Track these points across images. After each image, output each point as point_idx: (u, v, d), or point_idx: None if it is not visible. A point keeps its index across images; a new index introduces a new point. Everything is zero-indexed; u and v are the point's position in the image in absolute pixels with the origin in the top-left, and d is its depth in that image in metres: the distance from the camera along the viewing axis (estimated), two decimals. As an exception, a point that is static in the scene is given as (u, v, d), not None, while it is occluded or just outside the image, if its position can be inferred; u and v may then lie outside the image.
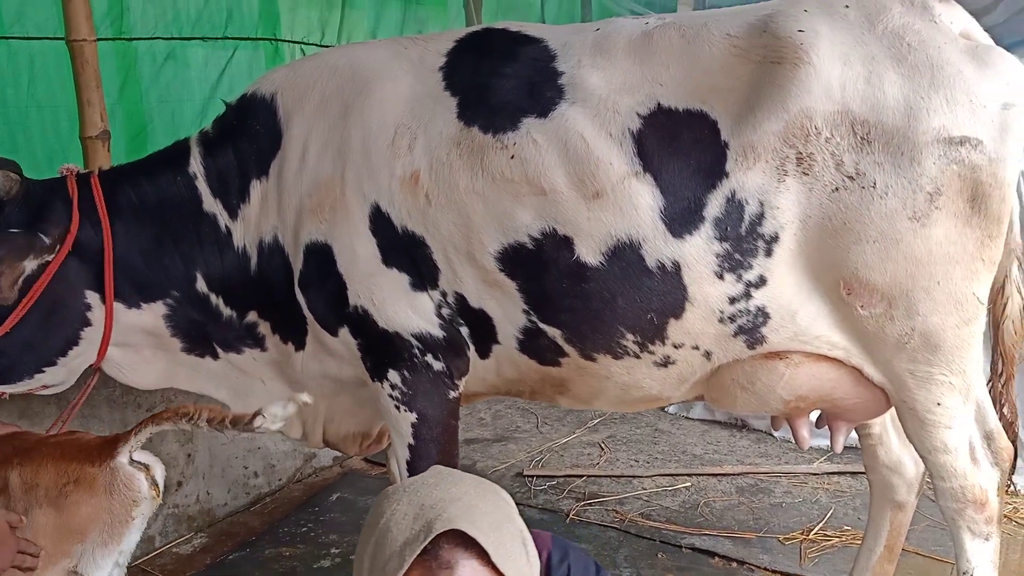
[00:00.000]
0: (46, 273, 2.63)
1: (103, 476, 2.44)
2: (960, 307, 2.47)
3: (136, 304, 2.81)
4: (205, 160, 2.81)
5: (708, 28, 2.52)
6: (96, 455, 2.47)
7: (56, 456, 2.47)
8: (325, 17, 5.50)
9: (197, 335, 2.93)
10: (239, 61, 5.09)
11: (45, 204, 2.67)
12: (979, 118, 2.35)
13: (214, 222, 2.81)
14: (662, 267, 2.47)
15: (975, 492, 2.66)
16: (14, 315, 2.60)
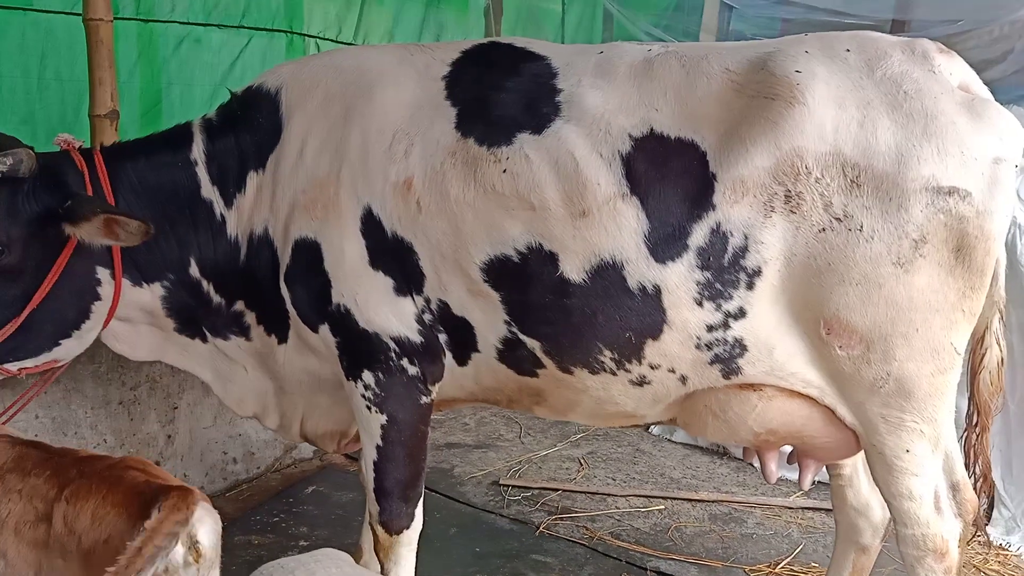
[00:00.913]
0: (67, 248, 2.66)
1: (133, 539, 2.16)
2: (937, 356, 2.50)
3: (139, 283, 2.87)
4: (207, 147, 2.85)
5: (708, 60, 2.56)
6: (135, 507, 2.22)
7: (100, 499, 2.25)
8: (343, 14, 5.53)
9: (189, 318, 2.98)
10: (254, 49, 5.13)
11: (61, 180, 2.69)
12: (969, 170, 2.38)
13: (210, 209, 2.85)
14: (643, 289, 2.49)
15: (936, 541, 2.67)
16: (42, 289, 2.65)
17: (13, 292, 2.63)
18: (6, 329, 2.63)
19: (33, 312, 2.66)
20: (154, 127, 4.81)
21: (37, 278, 2.65)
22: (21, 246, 2.61)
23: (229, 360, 3.10)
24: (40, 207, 2.63)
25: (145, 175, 2.83)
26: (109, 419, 3.97)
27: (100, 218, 2.56)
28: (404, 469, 2.89)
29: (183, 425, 4.20)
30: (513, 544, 4.04)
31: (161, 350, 3.08)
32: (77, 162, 2.74)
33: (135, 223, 2.57)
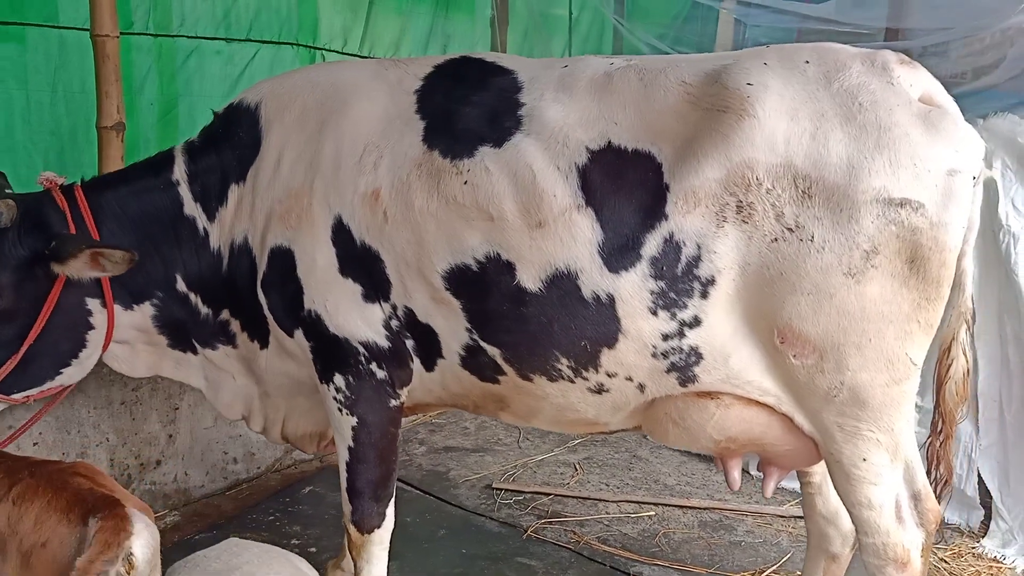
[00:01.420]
0: (56, 286, 2.81)
1: (68, 545, 2.28)
2: (891, 366, 2.52)
3: (130, 306, 3.01)
4: (189, 167, 2.99)
5: (666, 73, 2.61)
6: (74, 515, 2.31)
7: (44, 503, 2.33)
8: (350, 25, 5.65)
9: (179, 332, 3.12)
10: (262, 60, 5.27)
11: (44, 221, 2.84)
12: (922, 182, 2.40)
13: (193, 225, 2.98)
14: (597, 298, 2.55)
15: (897, 551, 2.69)
16: (36, 327, 2.80)
17: (10, 332, 2.79)
18: (6, 367, 2.79)
19: (31, 348, 2.82)
20: (167, 137, 5.02)
21: (31, 317, 2.80)
22: (12, 290, 2.76)
23: (218, 368, 3.23)
24: (27, 251, 2.77)
25: (127, 202, 2.96)
26: (111, 419, 4.11)
27: (86, 253, 2.70)
28: (375, 470, 2.98)
29: (184, 425, 4.34)
30: (500, 547, 4.11)
31: (157, 366, 3.24)
32: (58, 201, 2.87)
33: (119, 253, 2.71)
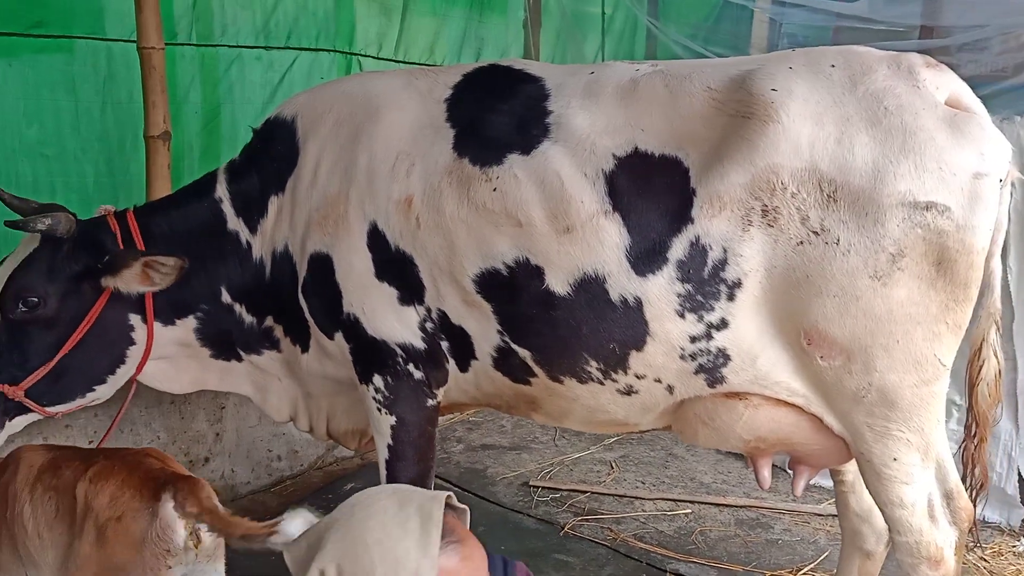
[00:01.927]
0: (99, 301, 2.95)
1: (142, 519, 2.38)
2: (919, 367, 2.54)
3: (171, 321, 3.12)
4: (230, 185, 3.12)
5: (691, 79, 2.65)
6: (147, 492, 2.42)
7: (119, 482, 2.44)
8: (385, 31, 5.75)
9: (223, 342, 3.23)
10: (300, 66, 5.38)
11: (97, 240, 2.99)
12: (948, 185, 2.41)
13: (236, 238, 3.10)
14: (625, 302, 2.61)
15: (930, 549, 2.71)
16: (73, 338, 2.93)
17: (49, 340, 2.92)
18: (38, 372, 2.91)
19: (67, 361, 2.94)
20: (212, 144, 5.16)
21: (71, 328, 2.93)
22: (57, 300, 2.90)
23: (264, 373, 3.34)
24: (78, 265, 2.92)
25: (174, 223, 3.11)
26: (162, 417, 4.26)
27: (139, 263, 2.85)
28: (413, 467, 3.07)
29: (230, 424, 4.47)
30: (537, 543, 4.17)
31: (202, 379, 3.34)
32: (111, 225, 3.03)
33: (172, 260, 2.85)
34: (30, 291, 2.87)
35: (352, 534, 1.83)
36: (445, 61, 6.20)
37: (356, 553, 1.80)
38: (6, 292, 2.89)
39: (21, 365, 2.91)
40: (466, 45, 6.17)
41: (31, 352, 2.91)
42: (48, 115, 4.52)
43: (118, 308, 2.99)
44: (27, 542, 2.53)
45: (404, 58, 5.90)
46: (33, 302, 2.87)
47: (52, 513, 2.52)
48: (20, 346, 2.91)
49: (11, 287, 2.89)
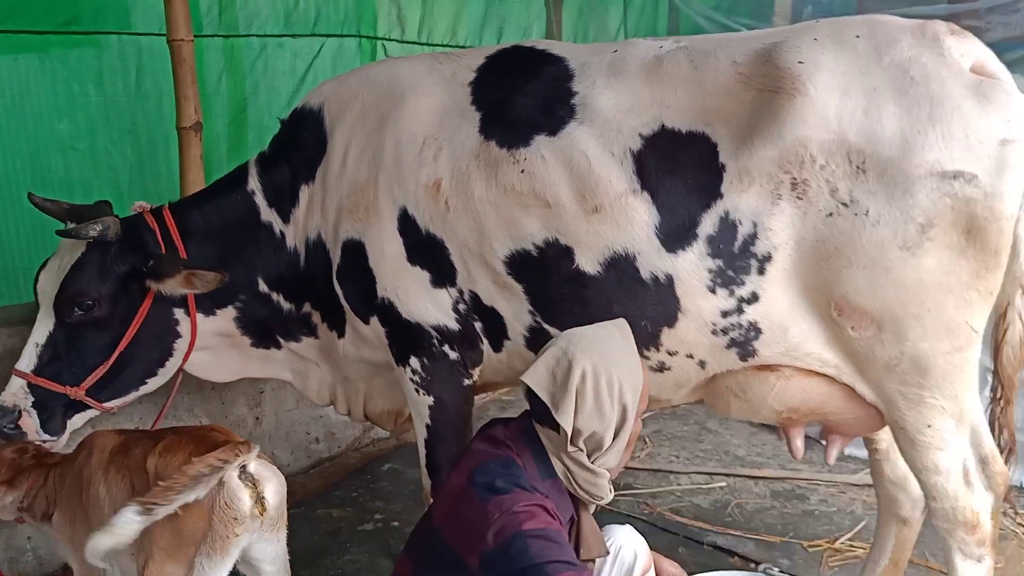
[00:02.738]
0: (146, 299, 3.04)
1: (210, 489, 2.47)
2: (952, 335, 2.55)
3: (211, 311, 3.21)
4: (262, 177, 3.18)
5: (715, 54, 2.66)
6: None
7: (186, 454, 2.52)
8: (407, 14, 5.77)
9: (263, 330, 3.32)
10: (326, 54, 5.44)
11: (140, 240, 3.07)
12: (975, 153, 2.41)
13: (270, 229, 3.17)
14: (656, 279, 2.63)
15: (966, 514, 2.72)
16: (127, 335, 3.03)
17: (103, 340, 3.03)
18: (98, 371, 3.02)
19: (121, 357, 3.04)
20: (241, 135, 5.23)
21: (123, 326, 3.03)
22: (110, 301, 2.99)
23: (303, 359, 3.42)
24: (126, 266, 3.00)
25: (209, 217, 3.18)
26: (204, 403, 4.35)
27: (182, 274, 2.94)
28: (452, 445, 3.13)
29: (269, 408, 4.57)
30: (574, 518, 4.23)
31: (244, 367, 3.44)
32: (150, 223, 3.12)
33: (211, 274, 2.95)
34: (84, 295, 2.96)
35: (594, 345, 2.38)
36: (468, 42, 6.21)
37: (603, 356, 2.36)
38: (61, 297, 2.98)
39: (80, 366, 3.02)
40: (488, 24, 6.17)
41: (88, 353, 3.02)
42: (79, 109, 4.62)
43: (163, 305, 3.08)
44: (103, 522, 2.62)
45: (428, 40, 5.94)
46: (88, 305, 2.97)
47: (126, 491, 2.63)
48: (77, 348, 3.02)
49: (66, 292, 2.97)
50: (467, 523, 2.25)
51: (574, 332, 2.47)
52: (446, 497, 2.38)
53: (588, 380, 2.32)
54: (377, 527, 4.21)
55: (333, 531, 4.16)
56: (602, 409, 2.33)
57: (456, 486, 2.35)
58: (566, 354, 2.36)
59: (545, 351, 2.43)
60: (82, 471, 2.77)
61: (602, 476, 2.41)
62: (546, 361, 2.39)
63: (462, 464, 2.40)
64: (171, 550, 2.46)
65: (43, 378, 2.99)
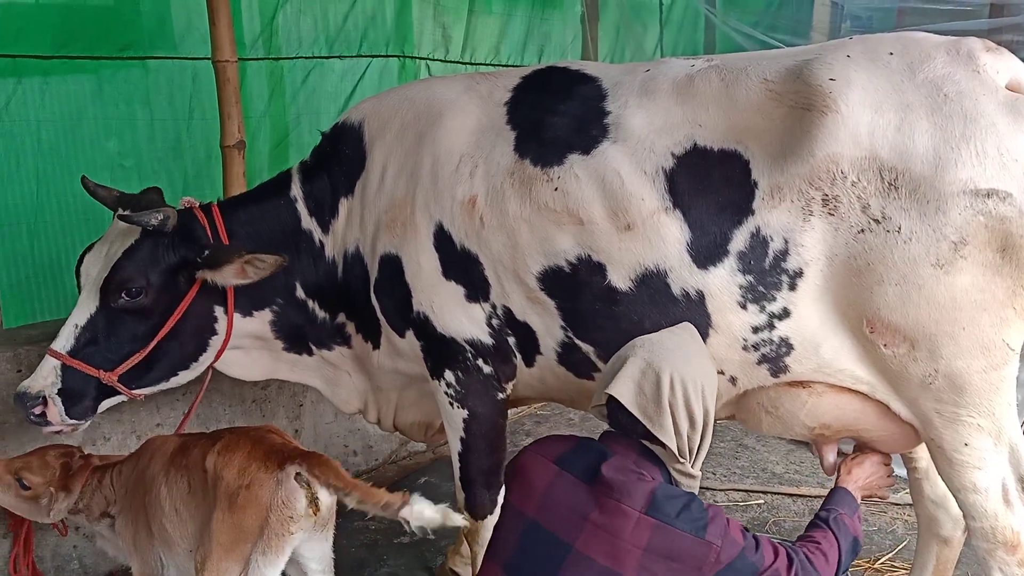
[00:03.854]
0: (191, 292, 3.09)
1: (268, 487, 2.59)
2: (987, 352, 2.53)
3: (249, 312, 3.26)
4: (304, 186, 3.24)
5: (747, 72, 2.68)
6: (272, 463, 2.63)
7: (245, 454, 2.64)
8: (451, 34, 5.87)
9: (296, 336, 3.36)
10: (371, 74, 5.56)
11: (193, 233, 3.13)
12: (1010, 171, 2.40)
13: (310, 237, 3.23)
14: (687, 295, 2.65)
15: (1006, 534, 2.69)
16: (167, 326, 3.08)
17: (143, 328, 3.06)
18: (133, 359, 3.06)
19: (158, 346, 3.08)
20: (282, 153, 5.35)
21: (164, 317, 3.07)
22: (156, 289, 3.03)
23: (334, 367, 3.47)
24: (177, 257, 3.05)
25: (254, 218, 3.24)
26: (245, 415, 4.44)
27: (240, 260, 2.98)
28: (486, 459, 3.17)
29: (308, 420, 4.64)
30: (609, 534, 4.23)
31: (273, 369, 3.48)
32: (200, 218, 3.17)
33: (271, 258, 2.98)
34: (133, 281, 2.98)
35: (673, 352, 2.43)
36: (511, 60, 6.30)
37: (685, 361, 2.41)
38: (110, 281, 3.00)
39: (116, 351, 3.04)
40: (530, 43, 6.26)
41: (127, 339, 3.04)
42: (126, 128, 4.77)
43: (204, 299, 3.12)
44: (164, 521, 2.76)
45: (471, 60, 6.04)
46: (136, 292, 2.99)
47: (186, 489, 2.75)
48: (116, 333, 3.04)
49: (115, 277, 2.99)
50: (683, 558, 2.26)
51: (649, 340, 2.51)
52: (625, 544, 2.27)
53: (677, 389, 2.36)
54: (413, 539, 4.23)
55: (370, 543, 4.21)
56: (693, 416, 2.38)
57: (633, 526, 2.27)
58: (650, 365, 2.39)
59: (625, 363, 2.43)
60: (144, 474, 2.87)
61: (698, 478, 2.46)
62: (630, 374, 2.39)
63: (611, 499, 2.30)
64: (229, 546, 2.56)
65: (78, 360, 3.00)
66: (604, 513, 2.31)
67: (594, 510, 2.32)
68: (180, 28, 4.80)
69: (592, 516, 2.32)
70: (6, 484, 2.92)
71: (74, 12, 4.50)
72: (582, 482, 2.37)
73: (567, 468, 2.40)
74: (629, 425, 2.41)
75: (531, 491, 2.43)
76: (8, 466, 2.94)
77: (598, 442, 2.48)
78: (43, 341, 3.62)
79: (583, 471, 2.38)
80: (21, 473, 2.92)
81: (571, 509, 2.35)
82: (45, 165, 4.49)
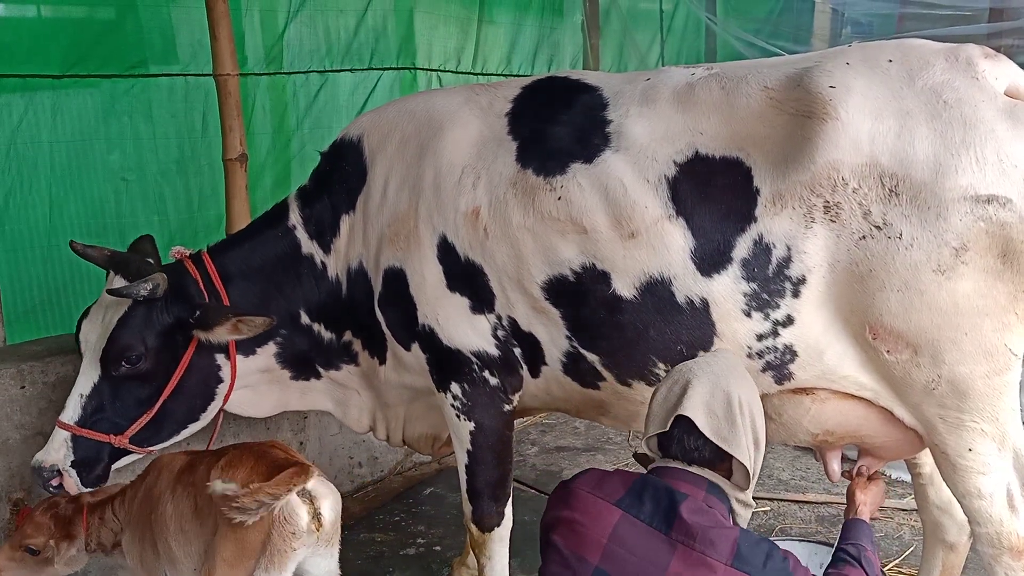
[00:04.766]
0: (190, 348, 3.10)
1: None
2: (990, 357, 2.53)
3: (252, 351, 3.26)
4: (303, 211, 3.25)
5: (747, 80, 2.70)
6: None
7: (248, 469, 2.64)
8: (461, 45, 5.90)
9: (303, 362, 3.36)
10: (382, 87, 5.60)
11: (184, 291, 3.12)
12: (1009, 177, 2.41)
13: (311, 261, 3.24)
14: (691, 303, 2.66)
15: (1011, 539, 2.69)
16: (169, 386, 3.09)
17: (148, 391, 3.08)
18: (141, 420, 3.07)
19: (164, 405, 3.10)
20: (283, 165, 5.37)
21: (167, 375, 3.08)
22: (155, 353, 3.04)
23: (343, 387, 3.48)
24: (172, 318, 3.06)
25: (250, 257, 3.24)
26: (249, 429, 4.44)
27: (231, 322, 2.98)
28: (492, 471, 3.17)
29: (313, 433, 4.65)
30: (615, 543, 4.23)
31: (284, 401, 3.48)
32: (191, 271, 3.17)
33: (259, 319, 3.00)
34: (132, 349, 3.00)
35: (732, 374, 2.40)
36: (522, 69, 6.36)
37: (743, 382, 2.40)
38: (109, 352, 3.02)
39: (124, 415, 3.07)
40: (540, 52, 6.29)
41: (132, 403, 3.07)
42: (128, 141, 4.80)
43: (205, 352, 3.13)
44: (170, 539, 2.76)
45: (482, 70, 6.08)
46: (135, 359, 3.01)
47: (192, 506, 2.74)
48: (122, 398, 3.06)
49: (113, 347, 3.01)
50: None
51: (699, 364, 2.44)
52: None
53: (745, 409, 2.33)
54: (420, 551, 4.26)
55: (376, 555, 4.22)
56: (758, 436, 2.36)
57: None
58: (718, 386, 2.32)
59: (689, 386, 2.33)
60: (152, 491, 2.88)
61: (751, 507, 2.42)
62: (700, 395, 2.30)
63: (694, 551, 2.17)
64: (233, 562, 2.56)
65: (88, 429, 3.02)
66: (687, 565, 2.16)
67: (673, 560, 2.18)
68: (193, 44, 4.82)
69: (673, 567, 2.17)
70: (20, 560, 2.94)
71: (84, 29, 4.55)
72: (655, 530, 2.22)
73: (634, 513, 2.25)
74: (695, 450, 2.32)
75: (590, 536, 2.25)
76: (12, 545, 2.97)
77: (659, 479, 2.34)
78: (46, 356, 3.66)
79: (653, 516, 2.24)
80: (25, 543, 2.94)
81: (646, 560, 2.20)
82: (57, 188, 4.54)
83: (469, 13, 6.05)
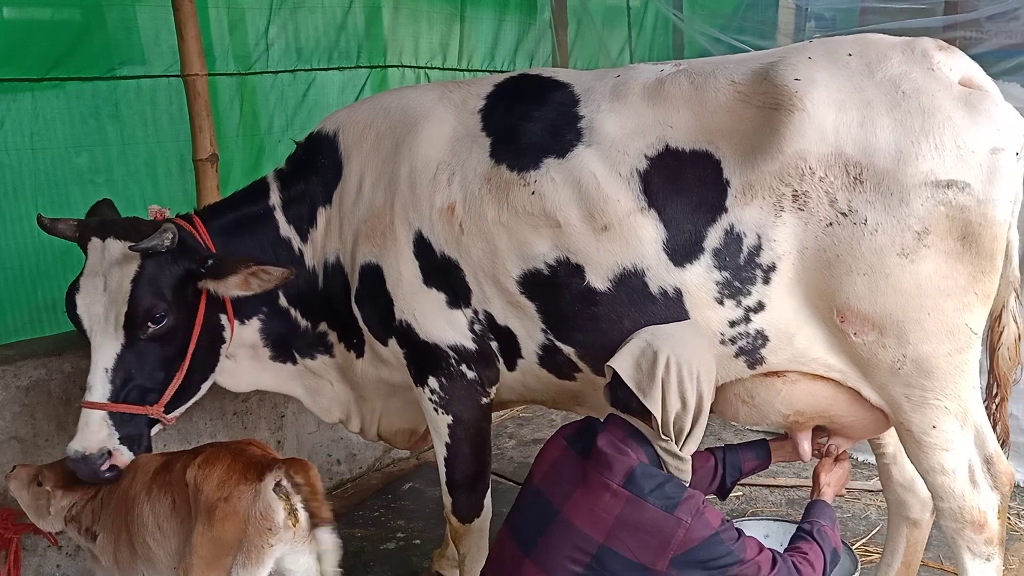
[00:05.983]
0: (201, 303, 3.05)
1: (246, 499, 2.56)
2: (952, 336, 2.63)
3: (243, 320, 3.26)
4: (281, 193, 3.25)
5: (715, 75, 2.77)
6: (251, 475, 2.60)
7: (225, 467, 2.61)
8: (446, 41, 5.93)
9: (281, 344, 3.37)
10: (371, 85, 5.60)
11: (189, 244, 3.04)
12: (967, 162, 2.51)
13: (289, 245, 3.25)
14: (665, 293, 2.73)
15: (973, 514, 2.80)
16: (192, 342, 3.02)
17: (172, 350, 3.00)
18: (172, 386, 3.01)
19: (190, 365, 3.04)
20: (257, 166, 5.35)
21: (188, 333, 3.02)
22: (175, 308, 2.95)
23: (316, 376, 3.49)
24: (181, 269, 2.96)
25: (234, 227, 3.23)
26: (226, 428, 4.45)
27: (246, 271, 2.91)
28: (471, 464, 3.22)
29: (290, 431, 4.66)
30: (592, 531, 4.29)
31: (258, 379, 3.45)
32: (188, 227, 3.11)
33: (278, 270, 2.92)
34: (157, 307, 2.90)
35: (674, 338, 2.58)
36: (505, 65, 6.45)
37: (683, 346, 2.56)
38: (134, 315, 2.88)
39: (153, 380, 2.98)
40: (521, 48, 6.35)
41: (159, 366, 2.98)
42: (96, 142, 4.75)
43: (213, 309, 3.09)
44: (147, 538, 2.75)
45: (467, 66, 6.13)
46: (161, 317, 2.91)
47: (169, 505, 2.74)
48: (149, 363, 2.96)
49: (139, 309, 2.88)
50: (652, 532, 2.42)
51: (654, 327, 2.67)
52: (602, 512, 2.46)
53: (672, 368, 2.50)
54: (399, 545, 4.30)
55: (356, 551, 4.24)
56: (685, 396, 2.51)
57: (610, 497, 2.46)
58: (650, 345, 2.55)
59: (628, 343, 2.60)
60: (127, 493, 2.87)
61: (687, 461, 2.58)
62: (631, 351, 2.57)
63: (596, 472, 2.51)
64: (210, 559, 2.56)
65: (122, 403, 2.92)
66: (589, 483, 2.51)
67: (582, 480, 2.54)
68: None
69: (580, 485, 2.53)
70: (28, 485, 2.99)
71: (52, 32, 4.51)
72: (580, 456, 2.59)
73: (571, 443, 2.65)
74: (625, 399, 2.56)
75: (543, 464, 2.69)
76: (30, 471, 3.02)
77: (600, 422, 2.67)
78: (18, 360, 3.65)
79: (583, 446, 2.61)
80: (40, 475, 2.99)
81: (567, 479, 2.58)
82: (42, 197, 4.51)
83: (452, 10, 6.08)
